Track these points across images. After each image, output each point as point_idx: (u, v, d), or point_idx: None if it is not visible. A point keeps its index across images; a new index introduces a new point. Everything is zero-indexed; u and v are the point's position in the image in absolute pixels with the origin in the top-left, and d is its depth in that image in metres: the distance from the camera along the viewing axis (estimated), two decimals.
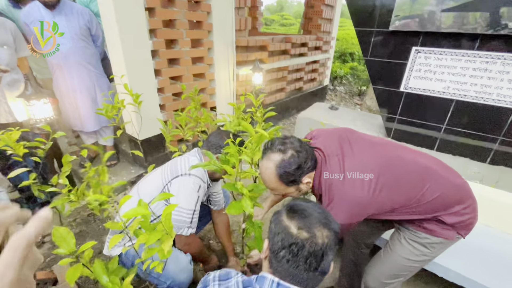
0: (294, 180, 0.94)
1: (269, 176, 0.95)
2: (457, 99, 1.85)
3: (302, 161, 0.92)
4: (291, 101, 4.36)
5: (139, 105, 1.89)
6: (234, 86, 3.10)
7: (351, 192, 0.91)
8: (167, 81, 2.39)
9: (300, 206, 0.72)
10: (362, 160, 0.95)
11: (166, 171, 1.27)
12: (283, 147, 0.93)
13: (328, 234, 0.67)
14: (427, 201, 0.95)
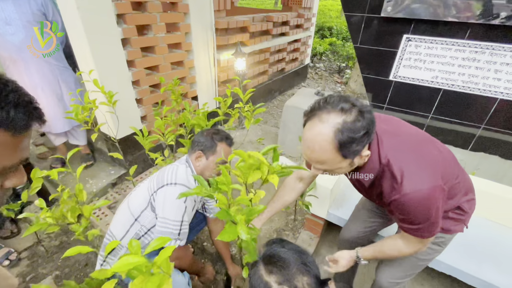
0: (357, 151, 0.73)
1: (322, 144, 0.72)
2: (445, 89, 1.86)
3: (368, 126, 0.71)
4: (273, 83, 4.23)
5: (114, 105, 1.70)
6: (216, 73, 2.90)
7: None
8: (143, 72, 2.16)
9: (277, 256, 0.69)
10: (425, 148, 0.85)
11: (153, 181, 1.19)
12: (346, 105, 0.70)
13: (309, 281, 0.66)
14: (458, 182, 0.91)
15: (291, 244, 0.75)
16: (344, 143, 0.70)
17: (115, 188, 2.27)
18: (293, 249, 0.72)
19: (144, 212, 1.16)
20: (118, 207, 1.32)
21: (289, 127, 2.71)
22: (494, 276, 1.29)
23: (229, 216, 0.93)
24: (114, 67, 1.94)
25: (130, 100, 2.15)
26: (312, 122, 0.74)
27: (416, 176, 0.77)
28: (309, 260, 0.70)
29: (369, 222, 1.32)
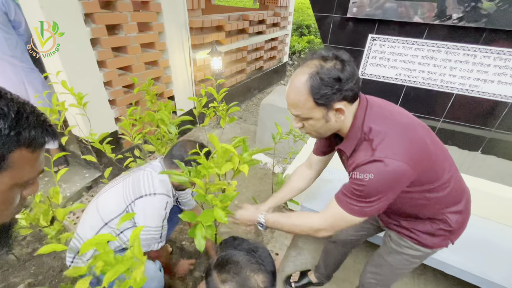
0: (326, 96, 0.74)
1: (297, 85, 0.76)
2: (407, 85, 1.99)
3: (345, 76, 0.73)
4: (252, 82, 4.27)
5: (85, 107, 1.67)
6: (192, 72, 2.90)
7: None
8: (115, 73, 2.13)
9: (229, 261, 0.70)
10: (410, 129, 0.81)
11: (128, 189, 1.18)
12: (327, 54, 0.75)
13: (264, 278, 0.69)
14: (448, 186, 0.87)
15: (244, 242, 0.77)
16: (315, 86, 0.74)
17: (90, 192, 2.22)
18: (244, 248, 0.74)
19: (117, 218, 1.16)
20: (86, 208, 1.30)
21: (266, 124, 2.77)
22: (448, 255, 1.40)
23: (205, 200, 0.96)
24: (84, 68, 1.89)
25: (103, 102, 2.11)
26: (298, 69, 0.79)
27: (391, 148, 0.75)
28: (262, 256, 0.72)
29: (361, 228, 1.29)
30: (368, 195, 0.79)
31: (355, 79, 0.75)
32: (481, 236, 1.52)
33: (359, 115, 0.81)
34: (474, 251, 1.44)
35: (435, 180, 0.85)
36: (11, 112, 0.40)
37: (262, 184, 2.51)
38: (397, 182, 0.77)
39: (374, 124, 0.79)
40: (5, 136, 0.40)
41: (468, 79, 1.79)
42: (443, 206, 0.92)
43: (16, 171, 0.43)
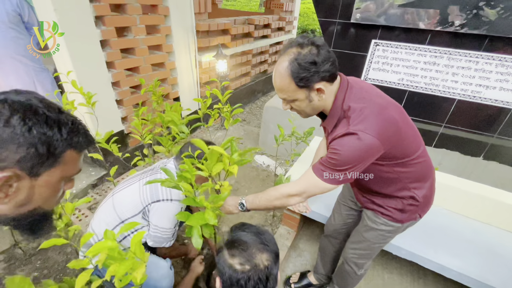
0: (306, 79, 0.84)
1: (281, 73, 0.86)
2: (410, 90, 2.01)
3: (320, 59, 0.82)
4: (256, 85, 4.32)
5: (93, 106, 1.72)
6: (198, 75, 2.95)
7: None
8: (122, 73, 2.18)
9: (238, 240, 0.79)
10: (383, 107, 0.88)
11: (145, 191, 1.21)
12: (303, 41, 0.84)
13: (268, 257, 0.76)
14: (416, 162, 0.95)
15: (252, 227, 0.85)
16: (294, 71, 0.84)
17: (96, 189, 2.27)
18: (252, 231, 0.82)
19: (134, 218, 1.21)
20: (100, 205, 1.34)
21: (269, 127, 2.80)
22: (448, 259, 1.42)
23: (194, 203, 1.00)
24: (93, 68, 1.95)
25: (110, 101, 2.17)
26: (280, 57, 0.88)
27: (364, 124, 0.83)
28: (267, 239, 0.80)
29: (346, 216, 1.40)
30: (340, 164, 0.86)
31: (330, 61, 0.83)
32: (481, 241, 1.53)
33: (339, 95, 0.90)
34: (474, 255, 1.45)
35: (404, 156, 0.93)
36: (69, 122, 0.52)
37: (264, 185, 2.54)
38: (367, 153, 0.85)
39: (352, 103, 0.88)
40: (64, 139, 0.51)
41: (470, 85, 1.81)
42: (411, 181, 1.00)
43: (65, 167, 0.54)
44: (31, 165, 0.48)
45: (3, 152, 0.45)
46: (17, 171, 0.47)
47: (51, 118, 0.49)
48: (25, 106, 0.47)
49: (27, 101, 0.48)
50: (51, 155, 0.50)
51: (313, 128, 1.71)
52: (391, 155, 0.91)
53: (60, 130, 0.50)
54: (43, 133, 0.47)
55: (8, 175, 0.46)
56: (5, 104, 0.46)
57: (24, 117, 0.46)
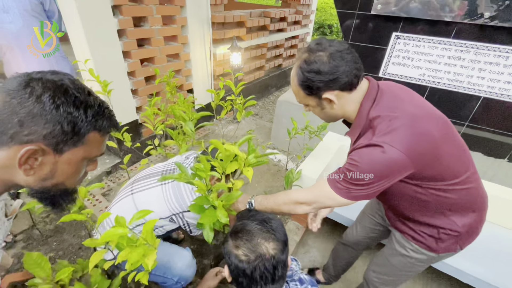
0: (310, 88, 0.80)
1: (292, 78, 0.85)
2: (431, 86, 1.91)
3: (327, 69, 0.75)
4: (270, 79, 4.27)
5: (109, 94, 1.75)
6: (212, 67, 2.94)
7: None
8: (138, 63, 2.20)
9: (242, 230, 0.77)
10: (419, 118, 0.77)
11: (170, 198, 1.18)
12: (316, 47, 0.78)
13: (274, 246, 0.74)
14: (460, 188, 0.81)
15: (258, 214, 0.83)
16: (300, 78, 0.81)
17: (110, 177, 2.32)
18: (258, 219, 0.80)
19: (160, 221, 1.19)
20: (118, 199, 1.30)
21: (282, 122, 2.77)
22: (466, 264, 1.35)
23: (207, 202, 0.99)
24: (110, 57, 1.98)
25: (126, 91, 2.20)
26: (295, 61, 0.85)
27: (392, 136, 0.73)
28: (273, 226, 0.78)
29: (370, 230, 1.29)
30: (357, 177, 0.77)
31: (341, 70, 0.76)
32: (502, 246, 1.45)
33: (365, 103, 0.82)
34: (494, 261, 1.38)
35: (443, 178, 0.80)
36: (95, 105, 0.54)
37: (275, 180, 2.52)
38: (391, 170, 0.75)
39: (380, 112, 0.78)
40: (88, 121, 0.53)
41: (498, 82, 1.70)
42: (450, 208, 0.86)
43: (88, 147, 0.56)
44: (56, 142, 0.51)
45: (32, 125, 0.48)
46: (42, 145, 0.50)
47: (79, 99, 0.51)
48: (57, 85, 0.50)
49: (59, 81, 0.50)
50: (75, 134, 0.52)
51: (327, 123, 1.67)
52: (425, 176, 0.79)
53: (86, 112, 0.52)
54: (70, 112, 0.50)
55: (34, 149, 0.49)
56: (39, 81, 0.49)
57: (54, 96, 0.49)
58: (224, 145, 0.96)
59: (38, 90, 0.48)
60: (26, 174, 0.51)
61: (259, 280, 0.73)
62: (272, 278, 0.74)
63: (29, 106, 0.47)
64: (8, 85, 0.49)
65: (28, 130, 0.48)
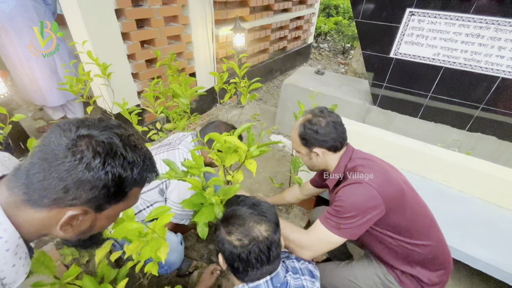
0: (306, 141, 1.02)
1: (294, 128, 1.07)
2: (446, 66, 1.81)
3: (323, 132, 0.99)
4: (274, 63, 4.14)
5: (109, 77, 1.69)
6: (214, 49, 2.84)
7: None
8: (138, 46, 2.12)
9: (233, 216, 0.78)
10: (388, 171, 0.99)
11: (161, 168, 1.17)
12: (319, 113, 1.02)
13: (267, 227, 0.75)
14: (421, 243, 0.99)
15: (247, 199, 0.84)
16: (301, 133, 1.03)
17: None
18: (247, 204, 0.81)
19: (149, 192, 1.19)
20: None
21: (287, 106, 2.69)
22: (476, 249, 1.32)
23: (203, 199, 0.93)
24: (109, 39, 1.90)
25: (126, 74, 2.13)
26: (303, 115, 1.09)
27: (368, 177, 0.92)
28: (263, 209, 0.80)
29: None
30: (344, 210, 0.90)
31: (331, 136, 1.00)
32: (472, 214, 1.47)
33: (343, 158, 1.04)
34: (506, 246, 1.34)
35: (410, 235, 0.99)
36: (141, 161, 0.53)
37: (280, 165, 2.48)
38: (369, 203, 0.90)
39: (357, 163, 1.00)
40: (134, 179, 0.52)
41: None
42: (417, 261, 1.04)
43: (129, 201, 0.56)
44: (100, 203, 0.50)
45: (78, 191, 0.46)
46: (86, 208, 0.49)
47: (127, 160, 0.50)
48: (107, 148, 0.48)
49: (108, 139, 0.48)
50: (119, 193, 0.52)
51: (335, 105, 1.60)
52: (392, 224, 0.96)
53: (133, 172, 0.51)
54: (119, 175, 0.49)
55: (78, 213, 0.48)
56: (89, 144, 0.46)
57: (104, 162, 0.47)
58: (223, 137, 0.90)
59: (88, 156, 0.46)
60: (65, 232, 0.50)
61: (255, 262, 0.74)
62: (267, 259, 0.75)
63: (77, 174, 0.45)
64: (53, 145, 0.45)
65: (73, 195, 0.46)
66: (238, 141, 0.89)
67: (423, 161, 1.74)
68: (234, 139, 0.89)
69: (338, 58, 5.84)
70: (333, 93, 2.40)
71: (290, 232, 1.00)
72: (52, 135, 0.47)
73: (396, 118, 2.17)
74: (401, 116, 2.15)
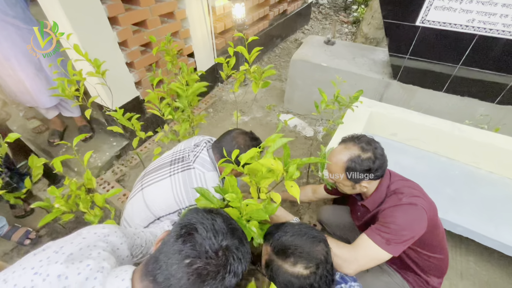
0: (356, 179, 0.99)
1: (337, 162, 1.00)
2: (481, 34, 1.61)
3: (374, 167, 0.96)
4: (275, 29, 3.79)
5: (103, 75, 1.50)
6: (211, 23, 2.54)
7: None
8: (129, 30, 1.86)
9: (288, 246, 0.74)
10: (426, 194, 1.04)
11: (180, 191, 1.07)
12: (367, 147, 0.97)
13: (323, 246, 0.75)
14: (438, 256, 1.08)
15: (286, 226, 0.81)
16: (350, 168, 0.98)
17: (120, 160, 2.20)
18: (295, 231, 0.78)
19: (169, 216, 1.11)
20: (131, 194, 1.22)
21: (296, 83, 2.50)
22: None
23: (242, 226, 0.85)
24: (95, 27, 1.65)
25: (120, 65, 1.91)
26: (342, 145, 1.04)
27: (415, 198, 0.96)
28: (310, 231, 0.78)
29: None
30: (399, 228, 0.92)
31: (382, 169, 0.98)
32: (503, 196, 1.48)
33: (384, 181, 1.04)
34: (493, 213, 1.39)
35: (434, 251, 1.07)
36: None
37: (293, 148, 2.38)
38: (420, 224, 0.93)
39: (400, 185, 1.03)
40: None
41: None
42: (428, 270, 1.12)
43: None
44: None
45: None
46: None
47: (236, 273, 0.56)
48: (231, 264, 0.54)
49: (236, 249, 0.56)
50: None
51: (361, 91, 1.44)
52: (422, 240, 0.97)
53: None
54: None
55: None
56: (230, 258, 0.54)
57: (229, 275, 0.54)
58: (259, 160, 0.78)
59: (234, 265, 0.55)
60: None
61: (325, 285, 0.72)
62: (332, 280, 0.75)
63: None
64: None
65: None
66: (276, 162, 0.78)
67: (451, 142, 1.65)
68: (272, 162, 0.78)
69: (340, 16, 5.38)
70: (347, 67, 2.20)
71: (336, 246, 0.96)
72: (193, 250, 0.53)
73: (418, 93, 2.01)
74: (423, 90, 1.99)
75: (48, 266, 0.52)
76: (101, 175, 2.08)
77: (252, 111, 2.75)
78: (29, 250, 1.75)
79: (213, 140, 1.25)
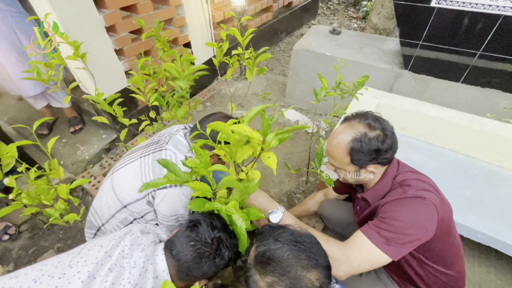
0: (363, 161, 0.83)
1: (339, 143, 0.84)
2: (506, 14, 1.42)
3: (384, 147, 0.80)
4: (279, 23, 3.64)
5: (83, 58, 1.38)
6: (209, 11, 2.41)
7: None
8: (117, 14, 1.75)
9: (271, 259, 0.58)
10: (440, 191, 0.87)
11: (148, 173, 0.99)
12: (374, 124, 0.82)
13: (318, 275, 0.57)
14: (446, 272, 0.90)
15: (284, 232, 0.65)
16: (355, 149, 0.82)
17: (109, 154, 2.09)
18: (288, 240, 0.61)
19: (137, 202, 1.02)
20: (103, 180, 1.13)
21: (298, 75, 2.33)
22: None
23: (212, 206, 0.76)
24: (79, 8, 1.54)
25: (108, 52, 1.79)
26: (345, 124, 0.87)
27: (424, 191, 0.80)
28: (312, 249, 0.60)
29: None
30: (401, 225, 0.76)
31: (393, 150, 0.83)
32: None
33: (391, 170, 0.89)
34: None
35: (444, 264, 0.89)
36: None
37: (294, 145, 2.22)
38: (428, 222, 0.77)
39: (409, 177, 0.86)
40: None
41: None
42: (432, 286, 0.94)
43: None
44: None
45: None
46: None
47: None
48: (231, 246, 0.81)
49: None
50: None
51: (366, 77, 1.27)
52: (430, 247, 0.83)
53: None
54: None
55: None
56: (221, 246, 0.79)
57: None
58: (230, 126, 0.67)
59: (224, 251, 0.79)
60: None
61: None
62: None
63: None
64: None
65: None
66: (250, 130, 0.67)
67: (471, 137, 1.46)
68: (245, 128, 0.66)
69: (349, 11, 5.19)
70: (354, 57, 2.02)
71: (325, 243, 0.79)
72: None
73: (431, 84, 1.82)
74: (437, 81, 1.80)
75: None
76: (88, 169, 1.97)
77: (250, 105, 2.60)
78: (8, 246, 1.65)
79: None
